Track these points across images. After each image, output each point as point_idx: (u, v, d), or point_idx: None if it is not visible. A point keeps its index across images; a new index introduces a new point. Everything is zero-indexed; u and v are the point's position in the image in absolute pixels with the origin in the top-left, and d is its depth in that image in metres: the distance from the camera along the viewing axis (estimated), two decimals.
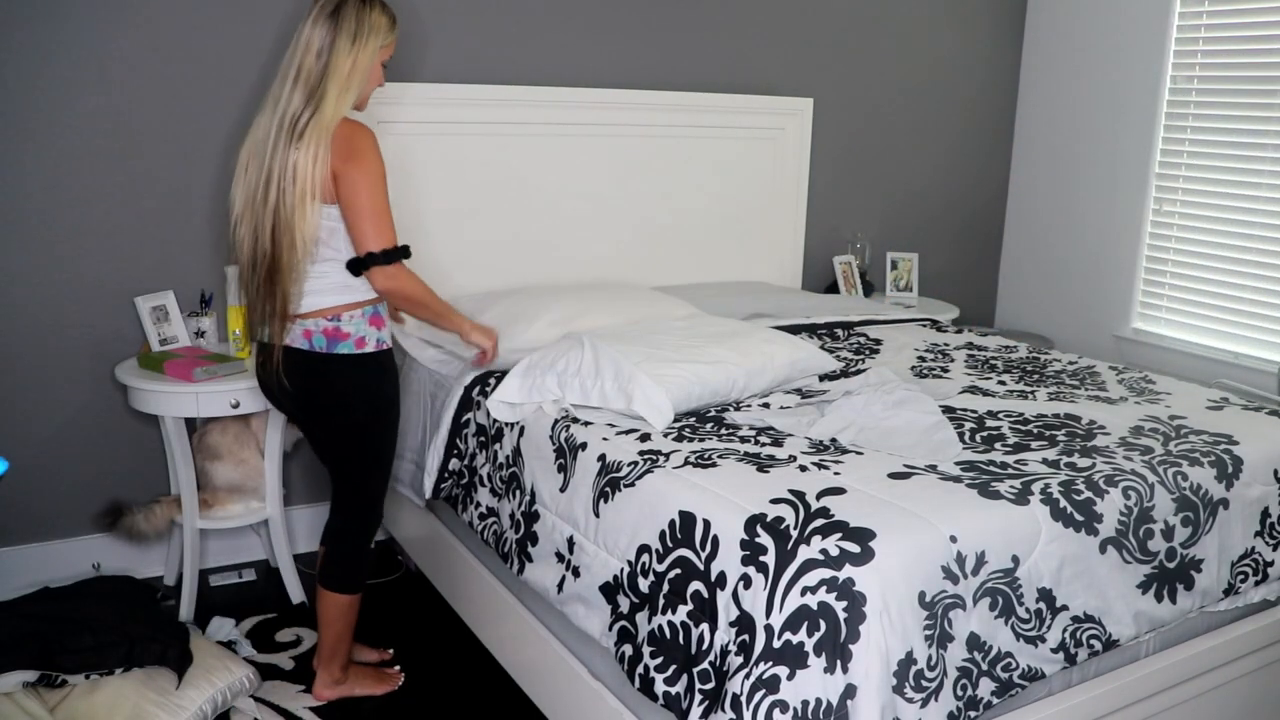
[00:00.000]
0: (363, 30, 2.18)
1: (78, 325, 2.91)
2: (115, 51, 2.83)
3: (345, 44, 2.16)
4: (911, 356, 2.88)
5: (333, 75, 2.16)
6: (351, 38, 2.17)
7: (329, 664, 2.51)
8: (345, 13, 2.17)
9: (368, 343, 2.28)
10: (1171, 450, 2.11)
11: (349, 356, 2.26)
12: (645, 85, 3.57)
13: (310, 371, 2.27)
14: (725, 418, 2.26)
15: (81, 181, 2.85)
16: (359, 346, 2.27)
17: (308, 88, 2.16)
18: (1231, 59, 3.81)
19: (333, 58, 2.16)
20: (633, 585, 1.88)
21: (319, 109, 2.14)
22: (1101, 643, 1.87)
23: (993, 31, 4.39)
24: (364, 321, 2.27)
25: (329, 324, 2.24)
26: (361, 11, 2.19)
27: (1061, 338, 4.42)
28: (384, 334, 2.33)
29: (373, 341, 2.29)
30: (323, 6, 2.17)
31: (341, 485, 2.43)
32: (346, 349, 2.26)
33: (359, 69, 2.19)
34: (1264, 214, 3.74)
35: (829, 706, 1.53)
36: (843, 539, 1.62)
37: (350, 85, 2.18)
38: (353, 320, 2.26)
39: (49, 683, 2.26)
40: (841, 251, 4.12)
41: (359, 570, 2.45)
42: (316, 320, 2.24)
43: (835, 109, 4.04)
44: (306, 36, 2.17)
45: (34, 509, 2.95)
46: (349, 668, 2.55)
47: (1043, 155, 4.46)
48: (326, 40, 2.16)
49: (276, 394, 2.37)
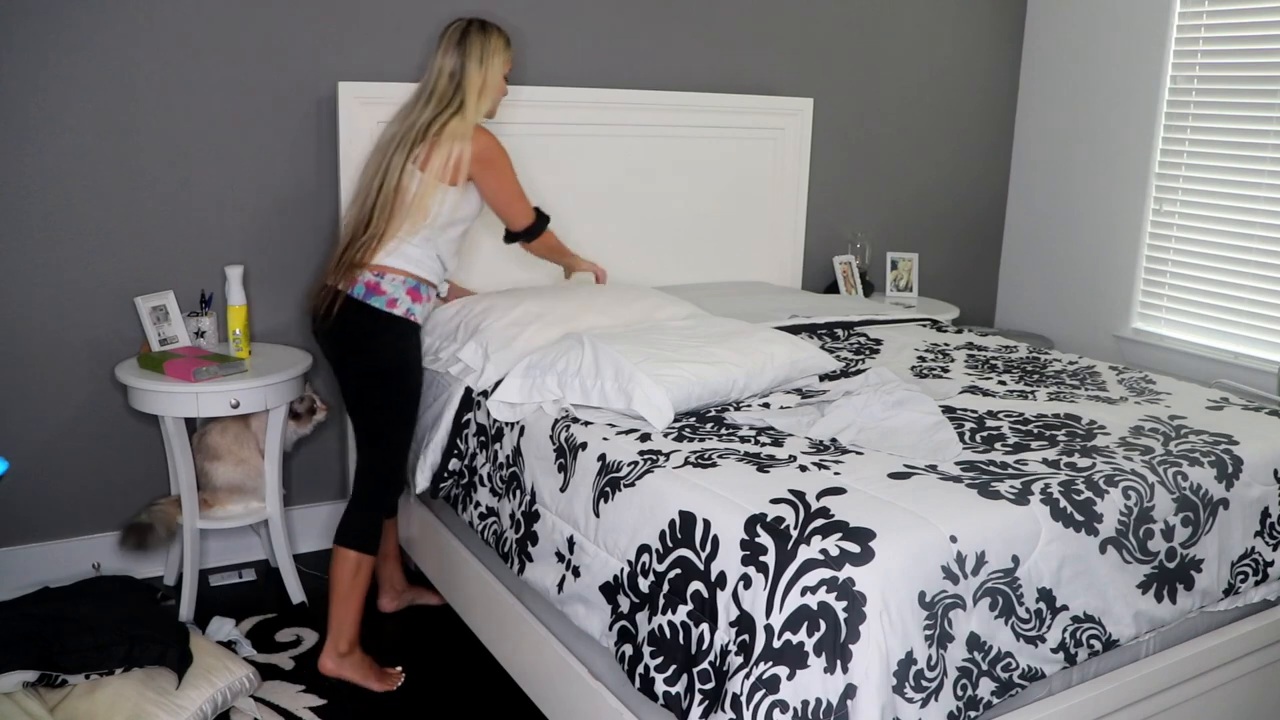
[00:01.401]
0: (487, 51, 2.58)
1: (78, 325, 2.91)
2: (115, 51, 2.83)
3: (474, 65, 2.56)
4: (912, 356, 2.88)
5: (469, 89, 2.55)
6: (479, 60, 2.57)
7: (335, 635, 2.57)
8: (470, 39, 2.57)
9: (398, 306, 2.50)
10: (1171, 450, 2.11)
11: (375, 310, 2.48)
12: (645, 85, 3.57)
13: (344, 313, 2.49)
14: (725, 418, 2.26)
15: (81, 181, 2.85)
16: (389, 306, 2.49)
17: (441, 103, 2.54)
18: (1231, 59, 3.81)
19: (464, 78, 2.56)
20: (633, 585, 1.88)
21: (461, 110, 2.53)
22: (1101, 643, 1.87)
23: (993, 31, 4.39)
24: (402, 289, 2.51)
25: (373, 278, 2.49)
26: (483, 36, 2.59)
27: (1061, 338, 4.42)
28: (417, 308, 2.55)
29: (403, 309, 2.51)
30: (449, 37, 2.58)
31: (359, 441, 2.62)
32: (379, 303, 2.48)
33: (489, 84, 2.59)
34: (1264, 214, 3.74)
35: (829, 706, 1.53)
36: (843, 539, 1.62)
37: (484, 96, 2.59)
38: (393, 282, 2.50)
39: (49, 683, 2.26)
40: (841, 251, 4.12)
41: (368, 529, 2.56)
42: (362, 271, 2.49)
43: (835, 109, 4.04)
44: (439, 65, 2.57)
45: (34, 509, 2.95)
46: (355, 650, 2.59)
47: (1043, 155, 4.46)
48: (457, 64, 2.56)
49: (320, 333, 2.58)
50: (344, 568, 2.54)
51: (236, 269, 2.92)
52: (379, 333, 2.50)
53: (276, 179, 3.09)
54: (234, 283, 2.91)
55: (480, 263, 3.27)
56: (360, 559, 2.54)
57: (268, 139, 3.06)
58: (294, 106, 3.07)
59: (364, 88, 3.03)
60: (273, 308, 3.14)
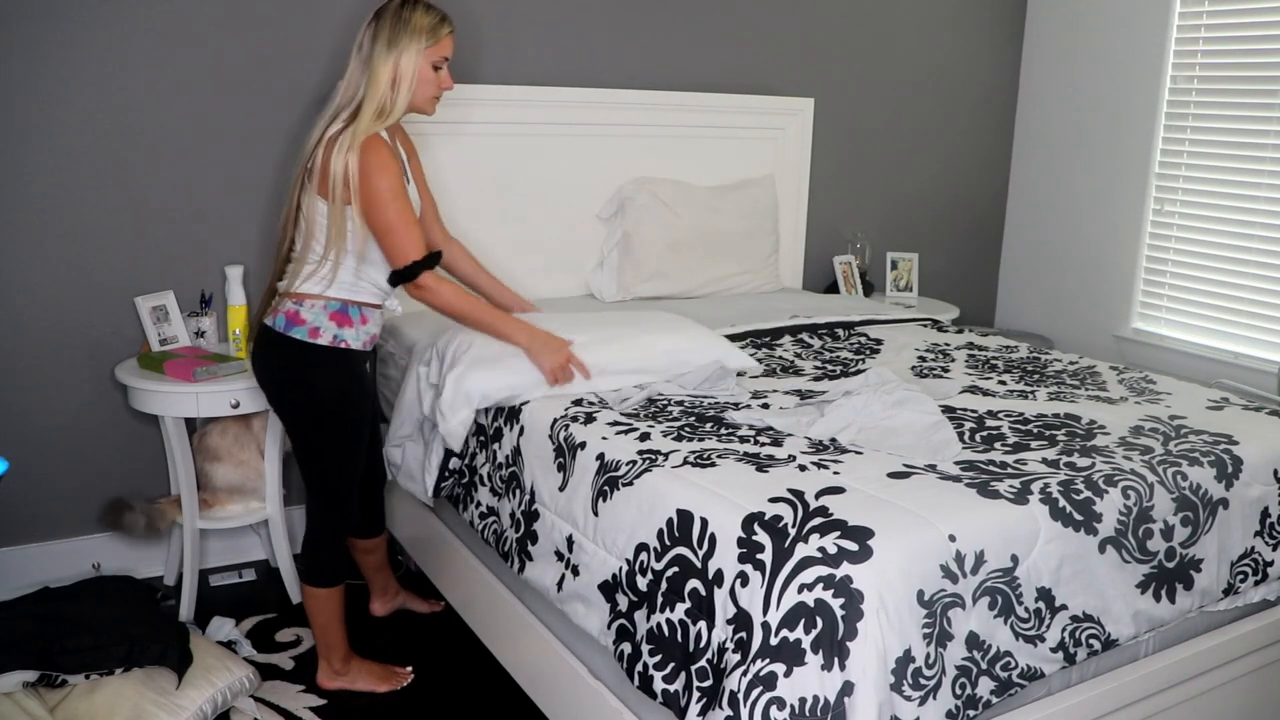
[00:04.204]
0: (400, 34, 2.22)
1: (78, 325, 2.91)
2: (115, 51, 2.83)
3: (382, 52, 2.22)
4: (912, 356, 2.88)
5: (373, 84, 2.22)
6: (387, 44, 2.22)
7: (325, 656, 2.56)
8: (382, 20, 2.23)
9: (322, 335, 2.31)
10: (1171, 450, 2.10)
11: (298, 343, 2.31)
12: (645, 85, 3.57)
13: (263, 347, 2.37)
14: (725, 417, 2.26)
15: (81, 181, 2.86)
16: (312, 336, 2.31)
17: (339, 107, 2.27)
18: (1231, 59, 3.81)
19: (371, 70, 2.22)
20: (631, 584, 1.88)
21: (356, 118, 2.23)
22: (1101, 642, 1.87)
23: (993, 31, 4.39)
24: (324, 314, 2.31)
25: (293, 307, 2.31)
26: (396, 17, 2.22)
27: (1061, 338, 4.42)
28: (347, 333, 2.34)
29: (328, 336, 2.32)
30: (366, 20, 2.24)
31: (304, 478, 2.49)
32: (300, 334, 2.30)
33: (403, 75, 2.23)
34: (1264, 214, 3.74)
35: (826, 704, 1.53)
36: (841, 537, 1.62)
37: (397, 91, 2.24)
38: (313, 309, 2.30)
39: (49, 683, 2.26)
40: (841, 251, 4.12)
41: (326, 565, 2.48)
42: (284, 300, 2.32)
43: (835, 109, 4.04)
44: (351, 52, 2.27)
45: (34, 509, 2.95)
46: (350, 660, 2.58)
47: (1043, 155, 4.46)
48: (367, 52, 2.23)
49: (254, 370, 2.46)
50: (314, 603, 2.50)
51: (236, 269, 2.93)
52: (305, 366, 2.32)
53: (277, 178, 3.09)
54: (234, 283, 2.91)
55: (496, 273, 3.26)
56: (329, 592, 2.49)
57: (268, 138, 3.06)
58: (294, 106, 3.07)
59: None
60: None
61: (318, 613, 2.51)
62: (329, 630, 2.53)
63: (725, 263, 3.56)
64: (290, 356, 2.32)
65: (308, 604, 2.51)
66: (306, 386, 2.34)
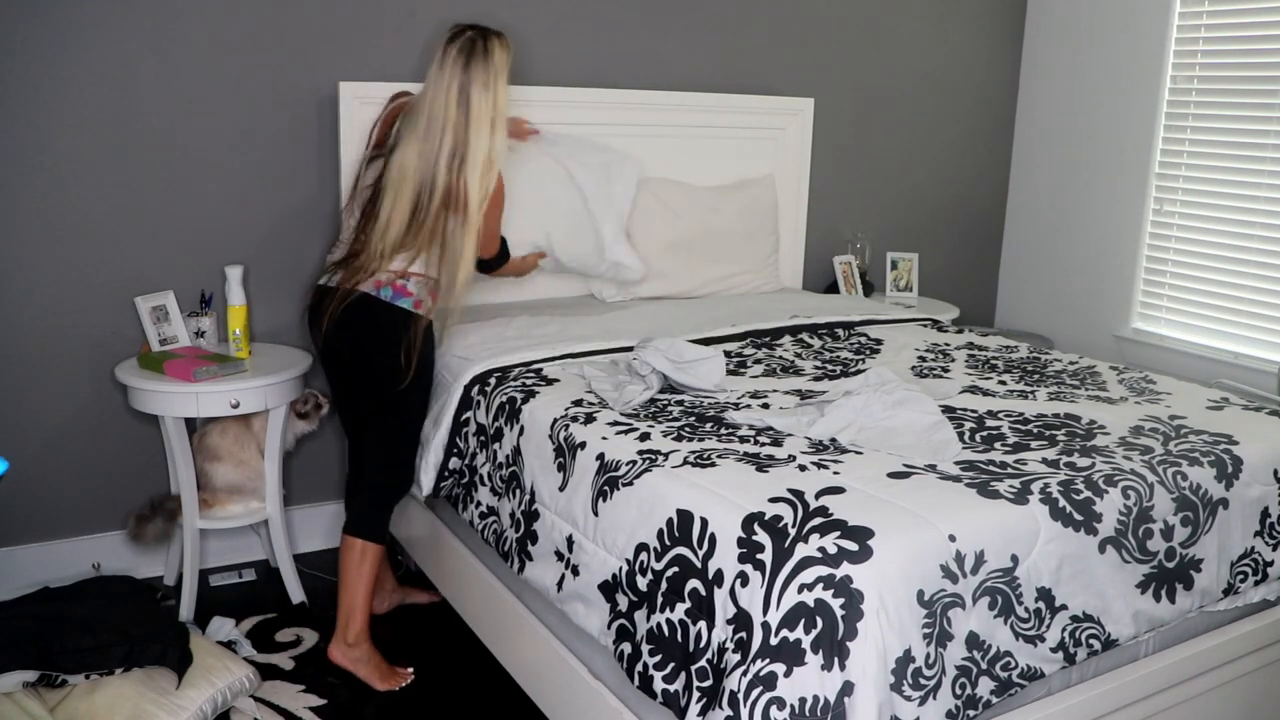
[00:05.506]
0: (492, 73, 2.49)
1: (78, 325, 2.91)
2: (116, 51, 2.83)
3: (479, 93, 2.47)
4: (912, 356, 2.88)
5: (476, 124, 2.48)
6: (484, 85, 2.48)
7: (343, 623, 2.60)
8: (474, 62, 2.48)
9: (423, 307, 2.57)
10: (1171, 450, 2.10)
11: (402, 311, 2.53)
12: (645, 85, 3.57)
13: (359, 313, 2.52)
14: (725, 417, 2.26)
15: (81, 181, 2.86)
16: (416, 307, 2.55)
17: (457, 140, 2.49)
18: (1231, 59, 3.81)
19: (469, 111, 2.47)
20: (631, 583, 1.88)
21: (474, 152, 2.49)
22: (1101, 642, 1.87)
23: (993, 31, 4.39)
24: (425, 290, 2.56)
25: (399, 280, 2.53)
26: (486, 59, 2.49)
27: (1061, 338, 4.42)
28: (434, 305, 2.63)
29: (425, 309, 2.58)
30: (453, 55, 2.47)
31: (372, 436, 2.64)
32: (405, 304, 2.53)
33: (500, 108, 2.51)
34: (1264, 214, 3.74)
35: (826, 704, 1.53)
36: (841, 537, 1.62)
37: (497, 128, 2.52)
38: (418, 284, 2.55)
39: (49, 683, 2.26)
40: (841, 251, 4.12)
41: (382, 522, 2.63)
42: (390, 274, 2.52)
43: (835, 109, 4.04)
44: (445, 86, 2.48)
45: (34, 509, 2.95)
46: (364, 639, 2.61)
47: (1043, 155, 4.46)
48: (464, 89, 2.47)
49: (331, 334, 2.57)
50: (350, 555, 2.58)
51: (236, 269, 2.93)
52: (406, 332, 2.53)
53: (277, 179, 3.09)
54: (234, 283, 2.91)
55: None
56: (366, 547, 2.57)
57: (268, 139, 3.06)
58: (294, 106, 3.07)
59: (365, 88, 3.03)
60: (273, 308, 3.14)
61: (349, 566, 2.57)
62: (357, 591, 2.57)
63: (725, 263, 3.56)
64: (395, 323, 2.52)
65: (346, 560, 2.58)
66: (409, 350, 2.53)
